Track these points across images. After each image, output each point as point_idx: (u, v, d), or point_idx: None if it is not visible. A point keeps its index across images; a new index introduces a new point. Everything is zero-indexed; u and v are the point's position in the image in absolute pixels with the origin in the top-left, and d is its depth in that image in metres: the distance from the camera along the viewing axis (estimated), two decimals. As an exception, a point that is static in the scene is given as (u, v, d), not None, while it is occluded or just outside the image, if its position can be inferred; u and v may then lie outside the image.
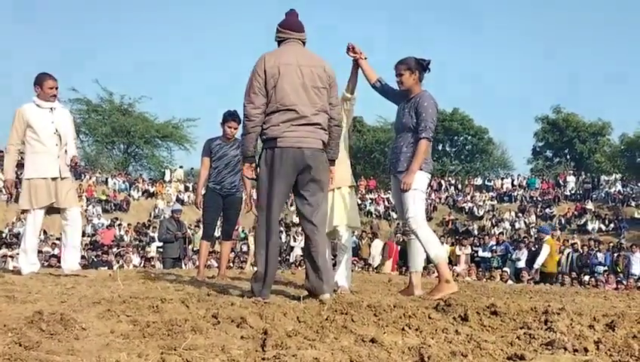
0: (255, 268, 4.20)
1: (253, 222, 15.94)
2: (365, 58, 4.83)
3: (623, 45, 73.97)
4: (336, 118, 4.00)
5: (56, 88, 5.81)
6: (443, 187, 33.28)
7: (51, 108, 5.76)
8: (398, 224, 26.92)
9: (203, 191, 6.53)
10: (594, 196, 29.30)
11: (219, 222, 6.85)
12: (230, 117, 6.34)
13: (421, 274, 4.89)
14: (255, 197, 5.25)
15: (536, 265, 13.64)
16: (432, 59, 4.56)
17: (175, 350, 2.26)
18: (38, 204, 5.65)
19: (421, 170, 4.44)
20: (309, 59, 3.95)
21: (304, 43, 4.09)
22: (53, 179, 5.66)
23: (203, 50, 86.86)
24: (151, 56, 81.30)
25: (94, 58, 70.33)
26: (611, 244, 19.39)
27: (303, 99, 3.88)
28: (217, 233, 8.04)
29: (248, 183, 6.41)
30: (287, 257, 20.23)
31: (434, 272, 6.03)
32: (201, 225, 7.92)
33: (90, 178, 29.48)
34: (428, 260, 4.74)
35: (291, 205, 19.31)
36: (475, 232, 24.12)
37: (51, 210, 5.82)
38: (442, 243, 18.01)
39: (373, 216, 28.97)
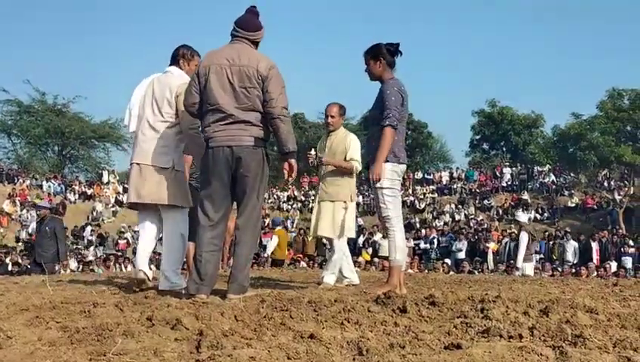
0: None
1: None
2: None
3: (553, 40, 76.63)
4: (275, 112, 3.88)
5: None
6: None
7: None
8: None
9: None
10: (529, 186, 30.19)
11: None
12: None
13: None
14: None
15: (268, 252, 14.70)
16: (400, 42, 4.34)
17: (104, 355, 2.17)
18: None
19: (388, 161, 4.27)
20: (244, 59, 3.90)
21: (254, 42, 4.04)
22: None
23: (141, 46, 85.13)
24: (84, 54, 79.09)
25: (24, 57, 67.85)
26: (547, 233, 20.02)
27: (229, 100, 3.86)
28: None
29: None
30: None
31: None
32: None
33: (23, 181, 28.43)
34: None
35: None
36: (417, 225, 24.47)
37: None
38: (385, 237, 18.36)
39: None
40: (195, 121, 4.26)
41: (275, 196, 31.08)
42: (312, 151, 5.82)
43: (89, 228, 23.12)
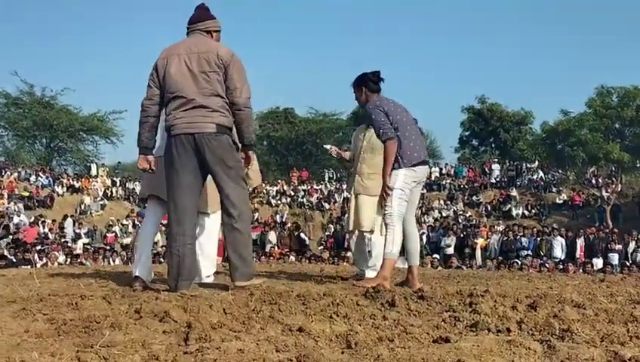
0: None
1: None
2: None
3: (543, 37, 76.92)
4: (241, 102, 3.82)
5: None
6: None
7: None
8: (331, 214, 27.14)
9: None
10: (518, 183, 30.30)
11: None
12: None
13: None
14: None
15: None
16: (380, 70, 4.65)
17: (91, 347, 2.15)
18: None
19: (399, 168, 4.45)
20: (201, 46, 3.86)
21: (208, 32, 4.01)
22: None
23: (129, 39, 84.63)
24: (73, 47, 78.55)
25: (12, 49, 67.29)
26: (535, 229, 20.12)
27: (189, 85, 3.80)
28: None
29: None
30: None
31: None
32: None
33: (11, 174, 28.19)
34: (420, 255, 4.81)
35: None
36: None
37: None
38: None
39: (306, 207, 29.00)
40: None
41: (264, 191, 31.04)
42: (328, 146, 5.82)
43: (70, 220, 22.90)
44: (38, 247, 17.71)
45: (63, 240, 20.73)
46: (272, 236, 20.42)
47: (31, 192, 26.85)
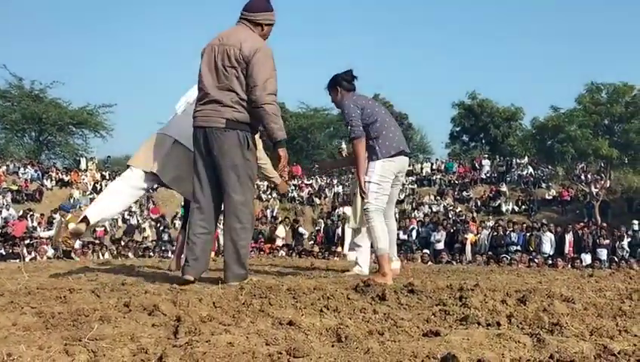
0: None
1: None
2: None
3: (535, 34, 77.12)
4: (259, 100, 3.74)
5: None
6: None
7: None
8: (322, 210, 27.15)
9: None
10: (508, 178, 30.40)
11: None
12: None
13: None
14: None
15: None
16: (352, 68, 4.64)
17: (80, 341, 2.14)
18: None
19: (377, 159, 4.41)
20: (232, 39, 3.83)
21: (255, 23, 3.95)
22: None
23: (120, 32, 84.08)
24: (62, 40, 77.93)
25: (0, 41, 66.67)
26: (524, 225, 20.21)
27: (211, 78, 3.84)
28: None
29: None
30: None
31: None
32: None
33: (-1, 167, 28.01)
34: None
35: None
36: (397, 216, 24.57)
37: None
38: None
39: (297, 202, 28.99)
40: None
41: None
42: (343, 145, 5.81)
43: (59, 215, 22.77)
44: (27, 241, 17.62)
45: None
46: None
47: (20, 186, 26.67)
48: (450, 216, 23.72)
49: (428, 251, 17.05)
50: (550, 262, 14.64)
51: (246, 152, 3.86)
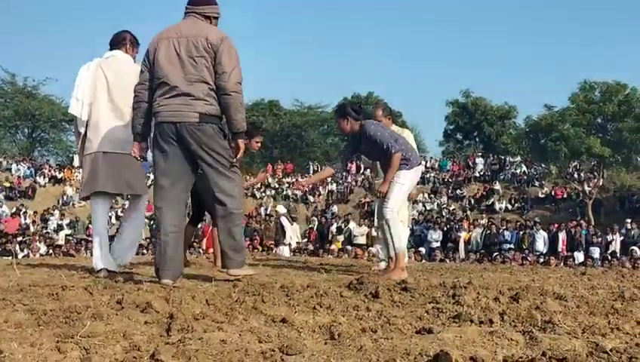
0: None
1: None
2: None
3: (529, 32, 77.32)
4: (228, 87, 3.71)
5: None
6: (360, 171, 33.68)
7: None
8: (316, 207, 27.15)
9: None
10: (501, 177, 30.45)
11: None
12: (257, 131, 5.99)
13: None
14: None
15: None
16: (360, 102, 5.02)
17: (72, 338, 2.13)
18: None
19: (410, 168, 4.86)
20: (192, 30, 3.78)
21: (206, 17, 3.91)
22: None
23: (111, 29, 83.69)
24: (55, 36, 77.65)
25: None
26: (517, 223, 20.24)
27: (175, 71, 3.73)
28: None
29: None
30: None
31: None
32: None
33: (-9, 164, 27.90)
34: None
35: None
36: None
37: None
38: (360, 225, 18.43)
39: (291, 199, 28.97)
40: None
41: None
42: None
43: (57, 213, 22.75)
44: (20, 238, 17.56)
45: (45, 231, 20.55)
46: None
47: (12, 183, 26.56)
48: (443, 214, 23.74)
49: (422, 249, 17.05)
50: (543, 260, 14.67)
51: (223, 141, 3.83)
